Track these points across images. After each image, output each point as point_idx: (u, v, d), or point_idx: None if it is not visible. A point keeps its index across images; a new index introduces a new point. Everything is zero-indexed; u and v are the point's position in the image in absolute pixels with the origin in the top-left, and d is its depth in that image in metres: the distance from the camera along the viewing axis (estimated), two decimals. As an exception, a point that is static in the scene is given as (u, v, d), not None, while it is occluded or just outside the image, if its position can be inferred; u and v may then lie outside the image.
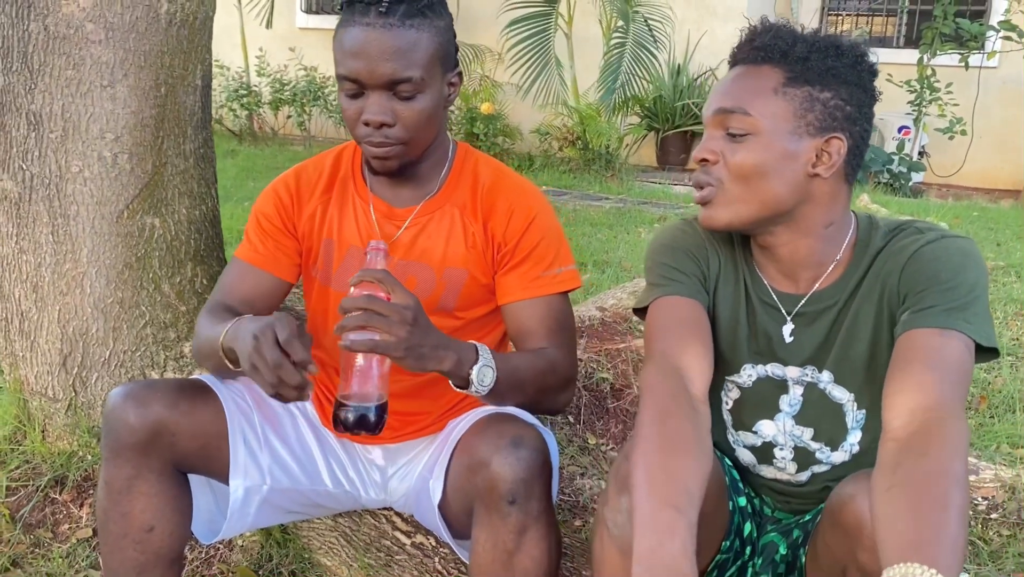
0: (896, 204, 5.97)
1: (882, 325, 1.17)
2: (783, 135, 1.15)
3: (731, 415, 1.32)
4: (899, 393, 1.03)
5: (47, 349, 1.83)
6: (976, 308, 1.09)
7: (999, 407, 2.58)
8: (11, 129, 1.69)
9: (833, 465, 1.28)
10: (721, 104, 1.17)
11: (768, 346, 1.25)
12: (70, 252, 1.75)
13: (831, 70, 1.16)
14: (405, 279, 1.41)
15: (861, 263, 1.20)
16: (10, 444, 1.91)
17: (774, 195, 1.16)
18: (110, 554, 1.34)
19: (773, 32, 1.18)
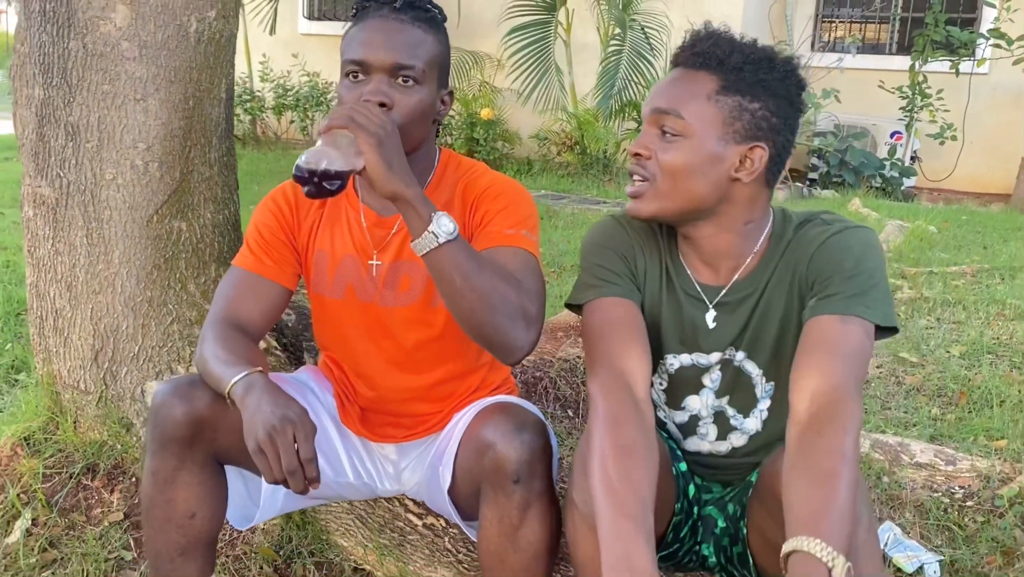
0: (887, 208, 6.09)
1: (792, 308, 1.29)
2: (711, 140, 1.26)
3: (664, 394, 1.44)
4: (803, 378, 1.15)
5: (80, 345, 1.95)
6: (875, 293, 1.21)
7: (977, 402, 2.70)
8: (50, 139, 1.82)
9: (747, 435, 1.40)
10: (658, 104, 1.28)
11: (693, 335, 1.37)
12: (103, 254, 1.87)
13: (762, 82, 1.27)
14: (399, 278, 1.51)
15: (775, 253, 1.31)
16: (44, 434, 2.03)
17: (698, 194, 1.27)
18: (154, 537, 1.45)
19: (713, 40, 1.29)
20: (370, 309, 1.53)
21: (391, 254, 1.51)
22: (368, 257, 1.52)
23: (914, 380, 2.88)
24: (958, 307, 3.57)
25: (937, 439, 2.50)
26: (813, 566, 0.93)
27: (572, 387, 2.57)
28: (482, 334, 1.32)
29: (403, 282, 1.51)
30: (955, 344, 3.15)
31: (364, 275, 1.52)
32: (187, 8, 1.75)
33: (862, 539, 1.05)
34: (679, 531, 1.42)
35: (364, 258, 1.52)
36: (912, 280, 3.98)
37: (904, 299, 3.70)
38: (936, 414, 2.67)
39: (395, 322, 1.52)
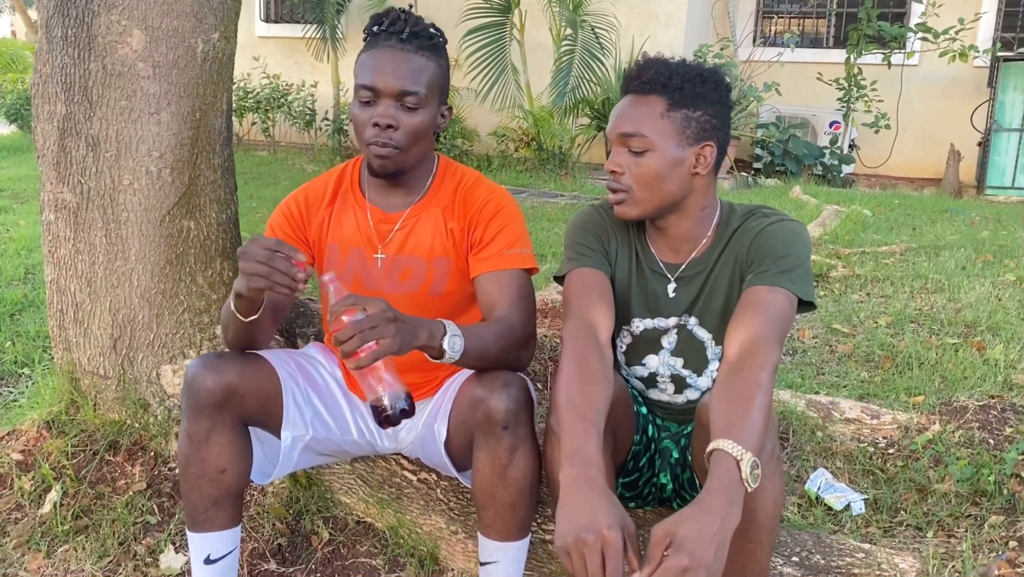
0: (825, 194, 6.46)
1: (735, 284, 1.58)
2: (671, 148, 1.53)
3: (624, 356, 1.73)
4: (734, 331, 1.43)
5: (99, 334, 2.16)
6: (800, 272, 1.49)
7: (900, 365, 3.03)
8: (71, 150, 2.03)
9: (700, 390, 1.69)
10: (623, 129, 1.55)
11: (655, 303, 1.66)
12: (120, 252, 2.09)
13: (700, 94, 1.55)
14: (400, 270, 1.73)
15: (723, 238, 1.60)
16: (66, 416, 2.23)
17: (670, 193, 1.56)
18: (190, 491, 1.67)
19: (655, 68, 1.56)
20: (376, 292, 1.72)
21: (394, 248, 1.74)
22: (374, 251, 1.74)
23: (845, 348, 3.21)
24: (886, 283, 3.92)
25: (865, 398, 2.81)
26: (726, 460, 1.20)
27: (540, 363, 2.83)
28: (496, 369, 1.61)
29: (404, 273, 1.74)
30: (882, 315, 3.48)
31: (370, 266, 1.74)
32: (194, 31, 1.98)
33: (765, 461, 1.31)
34: (638, 460, 1.70)
35: (370, 251, 1.74)
36: (846, 259, 4.32)
37: (838, 277, 4.03)
38: (864, 377, 2.99)
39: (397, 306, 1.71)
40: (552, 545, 1.40)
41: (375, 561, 1.96)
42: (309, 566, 1.95)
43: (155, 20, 1.93)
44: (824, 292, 3.87)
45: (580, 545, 1.17)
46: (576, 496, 1.21)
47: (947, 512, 2.18)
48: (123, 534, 2.01)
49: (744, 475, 1.19)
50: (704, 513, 1.14)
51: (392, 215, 1.74)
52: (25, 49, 12.11)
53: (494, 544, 1.64)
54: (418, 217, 1.74)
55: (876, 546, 1.92)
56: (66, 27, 1.94)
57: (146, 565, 1.95)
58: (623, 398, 1.57)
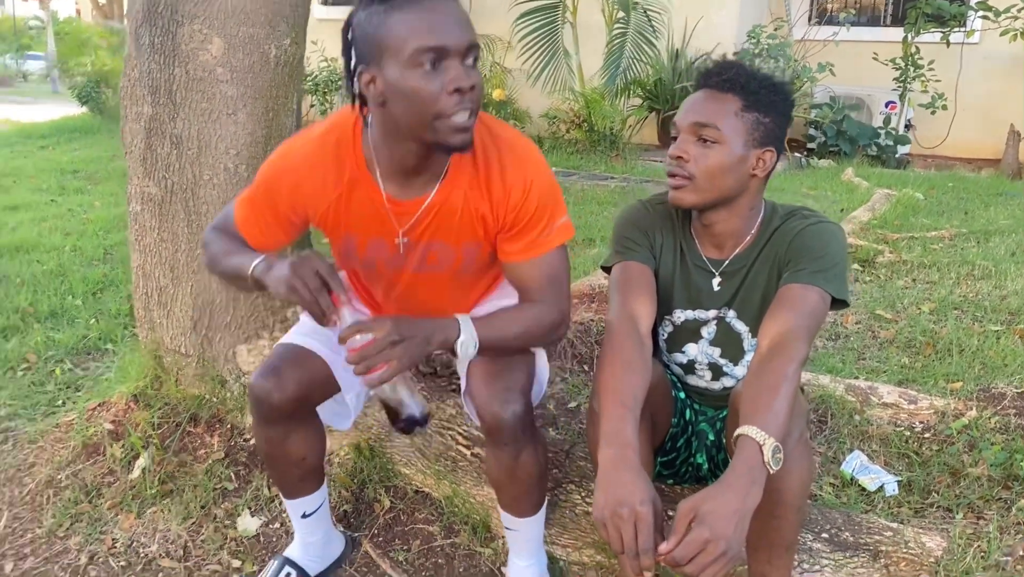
0: (877, 177, 6.44)
1: (772, 280, 1.68)
2: (738, 145, 1.63)
3: (665, 344, 1.85)
4: (767, 325, 1.53)
5: (181, 316, 2.36)
6: (834, 272, 1.59)
7: (941, 351, 3.09)
8: (156, 148, 2.21)
9: (736, 378, 1.80)
10: (697, 119, 1.63)
11: (697, 296, 1.77)
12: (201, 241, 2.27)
13: (772, 102, 1.64)
14: (427, 256, 1.63)
15: (764, 236, 1.70)
16: (151, 390, 2.44)
17: (727, 187, 1.65)
18: (278, 476, 1.86)
19: (735, 69, 1.66)
20: (401, 273, 1.67)
21: (418, 234, 1.60)
22: (395, 236, 1.61)
23: (887, 334, 3.28)
24: (932, 268, 3.96)
25: (904, 383, 2.89)
26: (750, 444, 1.32)
27: (587, 346, 2.97)
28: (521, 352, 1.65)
29: (431, 257, 1.64)
30: (926, 302, 3.54)
31: (392, 252, 1.63)
32: (268, 38, 2.14)
33: (792, 445, 1.43)
34: (676, 441, 1.83)
35: (391, 238, 1.61)
36: (894, 245, 4.36)
37: (884, 262, 4.08)
38: (905, 363, 3.06)
39: (423, 283, 1.67)
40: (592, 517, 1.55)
41: (432, 528, 2.13)
42: (372, 531, 2.13)
43: (233, 29, 2.09)
44: (870, 278, 3.93)
45: (616, 519, 1.30)
46: (613, 474, 1.35)
47: (978, 495, 2.26)
48: (204, 499, 2.21)
49: (766, 458, 1.31)
50: (726, 491, 1.26)
51: (410, 203, 1.56)
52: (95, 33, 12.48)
53: (512, 518, 1.81)
54: (442, 202, 1.57)
55: (904, 525, 2.02)
56: (153, 35, 2.12)
57: (224, 527, 2.15)
58: (662, 384, 1.70)
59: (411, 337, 1.43)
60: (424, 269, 1.65)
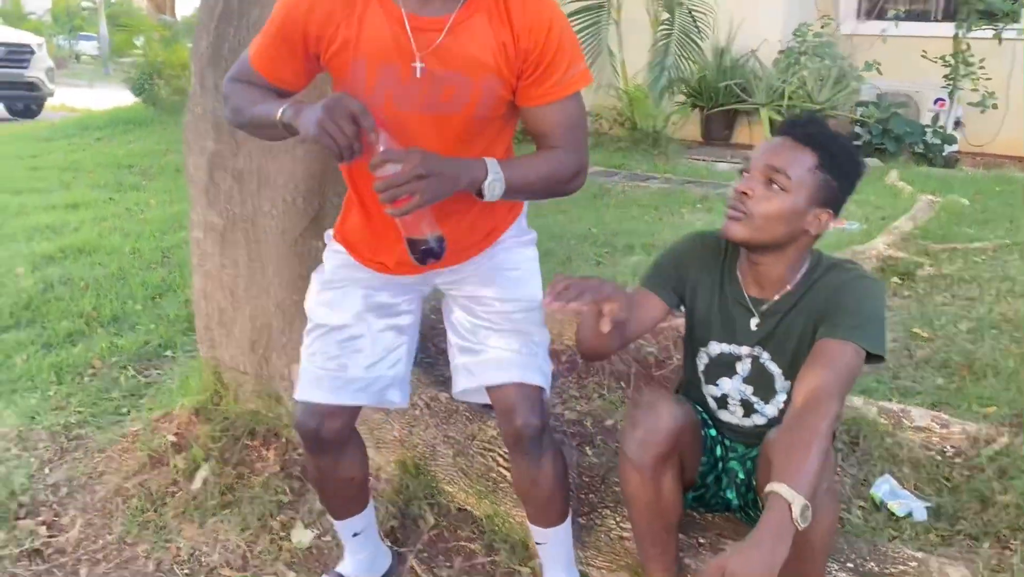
0: (922, 180, 6.40)
1: (808, 328, 1.75)
2: (802, 199, 1.68)
3: (703, 375, 1.93)
4: (802, 381, 1.61)
5: (240, 337, 2.50)
6: (870, 328, 1.65)
7: (977, 373, 3.13)
8: (219, 181, 2.35)
9: (767, 417, 1.88)
10: (773, 163, 1.69)
11: (733, 331, 1.85)
12: (260, 268, 2.41)
13: (845, 170, 1.70)
14: (443, 89, 1.53)
15: (806, 285, 1.77)
16: (211, 404, 2.60)
17: (780, 233, 1.71)
18: (329, 500, 1.99)
19: (819, 126, 1.72)
20: (408, 114, 1.55)
21: (436, 59, 1.51)
22: (411, 59, 1.50)
23: (923, 353, 3.32)
24: (973, 284, 3.97)
25: (937, 406, 2.93)
26: (780, 502, 1.41)
27: (625, 363, 3.06)
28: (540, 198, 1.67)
29: (446, 92, 1.53)
30: (964, 320, 3.56)
31: (405, 82, 1.52)
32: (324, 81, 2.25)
33: (820, 496, 1.51)
34: (705, 478, 1.92)
35: (406, 62, 1.50)
36: (934, 257, 4.37)
37: (924, 276, 4.10)
38: (940, 384, 3.10)
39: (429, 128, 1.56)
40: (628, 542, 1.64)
41: (473, 545, 2.25)
42: (417, 547, 2.26)
43: (292, 71, 2.21)
44: (908, 292, 3.96)
45: None
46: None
47: (1006, 524, 2.32)
48: (261, 511, 2.36)
49: (795, 516, 1.40)
50: (755, 548, 1.36)
51: (432, 19, 1.50)
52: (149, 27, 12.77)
53: (541, 530, 1.94)
54: (463, 24, 1.51)
55: (930, 555, 2.09)
56: (217, 78, 2.24)
57: (280, 539, 2.29)
58: (691, 425, 1.79)
59: (439, 173, 1.44)
60: (435, 108, 1.55)
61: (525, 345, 1.80)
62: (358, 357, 1.81)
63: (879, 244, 4.31)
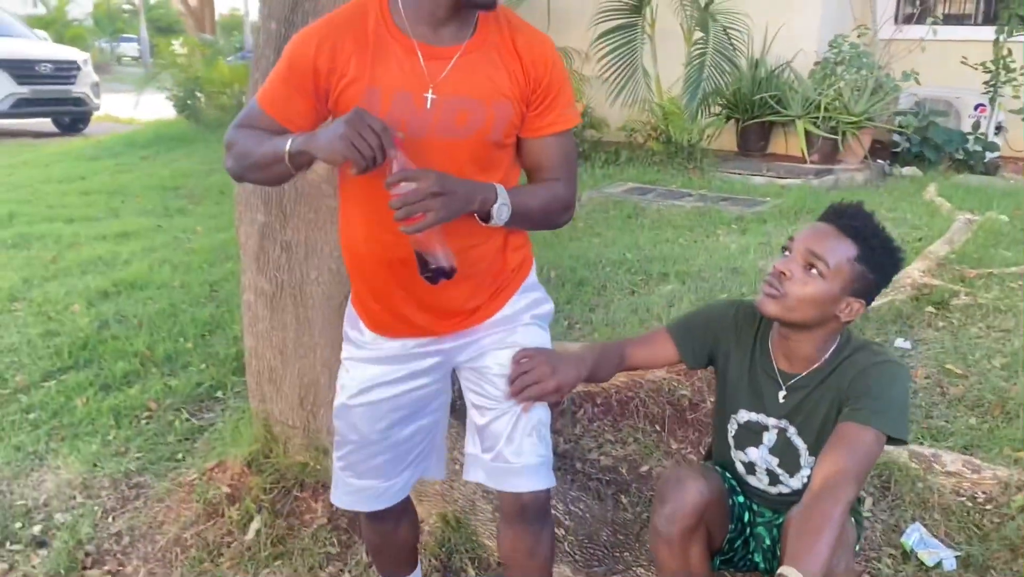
0: (961, 194, 6.34)
1: (834, 407, 1.81)
2: (837, 287, 1.75)
3: (732, 439, 2.01)
4: (822, 463, 1.67)
5: (289, 393, 2.63)
6: (892, 412, 1.71)
7: (1010, 413, 3.15)
8: (269, 250, 2.47)
9: (791, 488, 1.95)
10: (815, 249, 1.75)
11: (762, 401, 1.92)
12: (307, 330, 2.53)
13: (883, 265, 1.76)
14: (456, 115, 1.56)
15: (833, 364, 1.84)
16: (262, 456, 2.73)
17: (810, 317, 1.79)
18: (385, 563, 2.11)
19: (864, 220, 1.76)
20: (422, 139, 1.55)
21: (448, 88, 1.55)
22: (423, 90, 1.54)
23: (956, 391, 3.34)
24: (1008, 314, 3.97)
25: (970, 449, 2.97)
26: None
27: (659, 405, 3.14)
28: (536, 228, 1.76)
29: (460, 117, 1.57)
30: (998, 355, 3.57)
31: (419, 111, 1.55)
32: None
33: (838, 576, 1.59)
34: (733, 543, 2.01)
35: (419, 92, 1.54)
36: (970, 283, 4.36)
37: (960, 305, 4.11)
38: (973, 424, 3.13)
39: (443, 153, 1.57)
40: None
41: (513, 599, 2.36)
42: (459, 600, 2.37)
43: (336, 150, 2.32)
44: (943, 323, 3.97)
45: None
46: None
47: (1034, 575, 2.37)
48: (311, 562, 2.48)
49: None
50: None
51: (444, 49, 1.56)
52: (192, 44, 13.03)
53: None
54: (475, 53, 1.58)
55: (958, 609, 2.15)
56: (265, 155, 2.36)
57: (329, 590, 2.42)
58: (718, 495, 1.88)
59: (452, 192, 1.48)
60: (450, 133, 1.58)
61: (539, 441, 1.79)
62: (390, 467, 1.87)
63: (914, 271, 4.31)
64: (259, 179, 1.69)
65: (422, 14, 1.54)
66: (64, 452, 3.05)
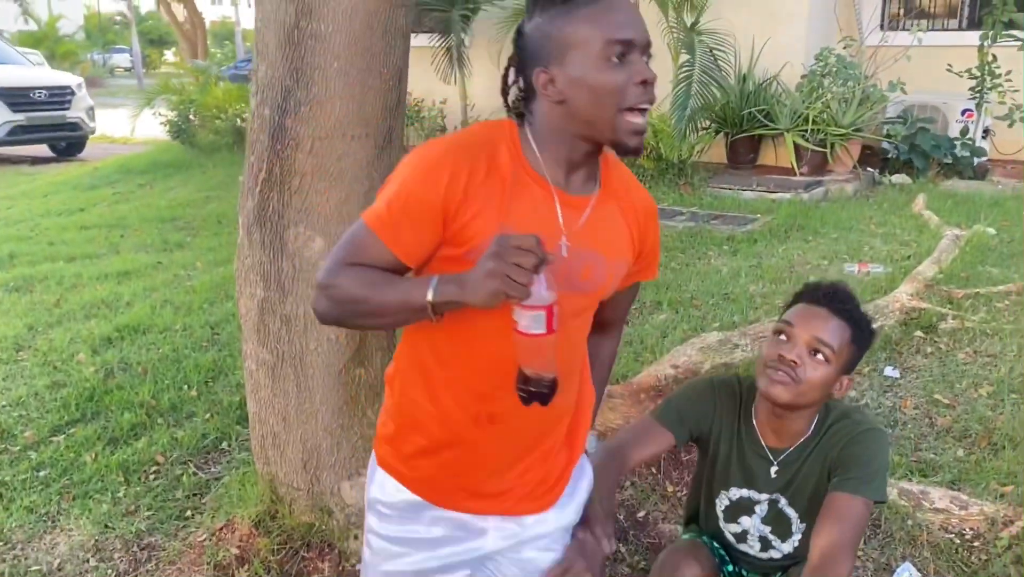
0: (950, 206, 6.42)
1: (823, 476, 1.91)
2: (838, 368, 1.86)
3: (723, 514, 2.09)
4: (819, 535, 1.76)
5: (292, 457, 2.71)
6: (878, 480, 1.81)
7: (996, 444, 3.24)
8: (269, 324, 2.54)
9: (783, 553, 2.04)
10: (821, 336, 1.84)
11: (753, 479, 2.01)
12: (308, 397, 2.60)
13: (866, 340, 1.89)
14: (583, 269, 1.47)
15: (818, 435, 1.94)
16: (268, 517, 2.81)
17: (816, 398, 1.89)
18: None
19: (853, 304, 1.88)
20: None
21: (581, 241, 1.46)
22: (557, 238, 1.43)
23: (944, 422, 3.43)
24: (995, 338, 4.05)
25: (958, 483, 3.05)
26: None
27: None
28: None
29: (585, 271, 1.47)
30: (984, 382, 3.66)
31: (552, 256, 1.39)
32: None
33: None
34: None
35: (552, 239, 1.41)
36: (958, 305, 4.45)
37: (947, 330, 4.19)
38: (960, 456, 3.21)
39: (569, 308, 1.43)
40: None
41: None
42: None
43: (333, 228, 2.40)
44: (931, 349, 4.06)
45: None
46: None
47: (1021, 614, 2.45)
48: (318, 622, 2.57)
49: None
50: None
51: (577, 199, 1.47)
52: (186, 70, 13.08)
53: None
54: (603, 206, 1.49)
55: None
56: (263, 235, 2.44)
57: (338, 650, 2.50)
58: (709, 574, 1.96)
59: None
60: (575, 287, 1.47)
61: None
62: None
63: (902, 295, 4.39)
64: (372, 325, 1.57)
65: (558, 157, 1.44)
66: (75, 512, 3.12)
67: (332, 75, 2.33)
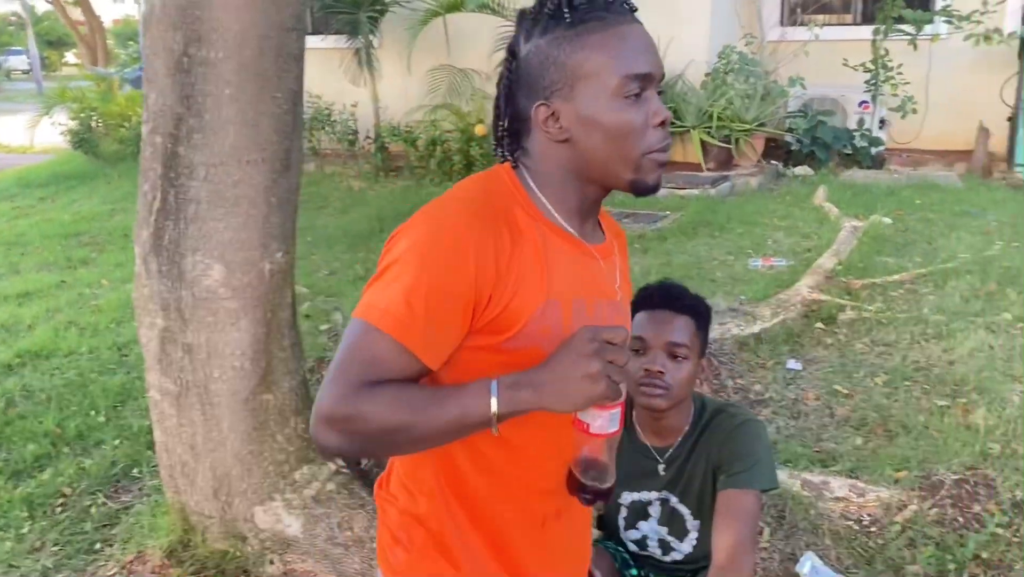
0: (849, 197, 6.68)
1: (708, 473, 1.99)
2: (695, 359, 1.95)
3: (623, 522, 2.15)
4: (719, 535, 1.84)
5: (203, 485, 2.67)
6: (762, 468, 1.90)
7: (892, 431, 3.40)
8: (171, 353, 2.51)
9: (683, 553, 2.11)
10: (675, 340, 1.92)
11: (641, 480, 2.07)
12: (215, 425, 2.57)
13: (708, 320, 1.98)
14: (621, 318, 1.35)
15: (696, 430, 2.02)
16: (180, 545, 2.76)
17: (687, 392, 1.97)
18: None
19: (686, 295, 1.97)
20: None
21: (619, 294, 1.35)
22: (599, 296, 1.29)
23: (844, 411, 3.58)
24: (890, 327, 4.24)
25: (856, 471, 3.19)
26: None
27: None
28: None
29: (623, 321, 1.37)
30: (880, 372, 3.83)
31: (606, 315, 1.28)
32: (262, 257, 2.42)
33: None
34: None
35: (593, 297, 1.27)
36: (855, 295, 4.64)
37: (846, 321, 4.37)
38: (859, 444, 3.36)
39: None
40: None
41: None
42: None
43: (231, 255, 2.38)
44: (831, 340, 4.22)
45: None
46: None
47: (914, 594, 2.59)
48: (237, 650, 2.55)
49: None
50: None
51: (601, 248, 1.31)
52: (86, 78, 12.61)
53: None
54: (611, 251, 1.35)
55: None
56: (160, 264, 2.40)
57: (257, 677, 2.48)
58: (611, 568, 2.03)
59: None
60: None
61: None
62: None
63: (803, 288, 4.56)
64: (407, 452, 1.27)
65: (569, 205, 1.25)
66: (-23, 553, 3.02)
67: (224, 101, 2.31)
